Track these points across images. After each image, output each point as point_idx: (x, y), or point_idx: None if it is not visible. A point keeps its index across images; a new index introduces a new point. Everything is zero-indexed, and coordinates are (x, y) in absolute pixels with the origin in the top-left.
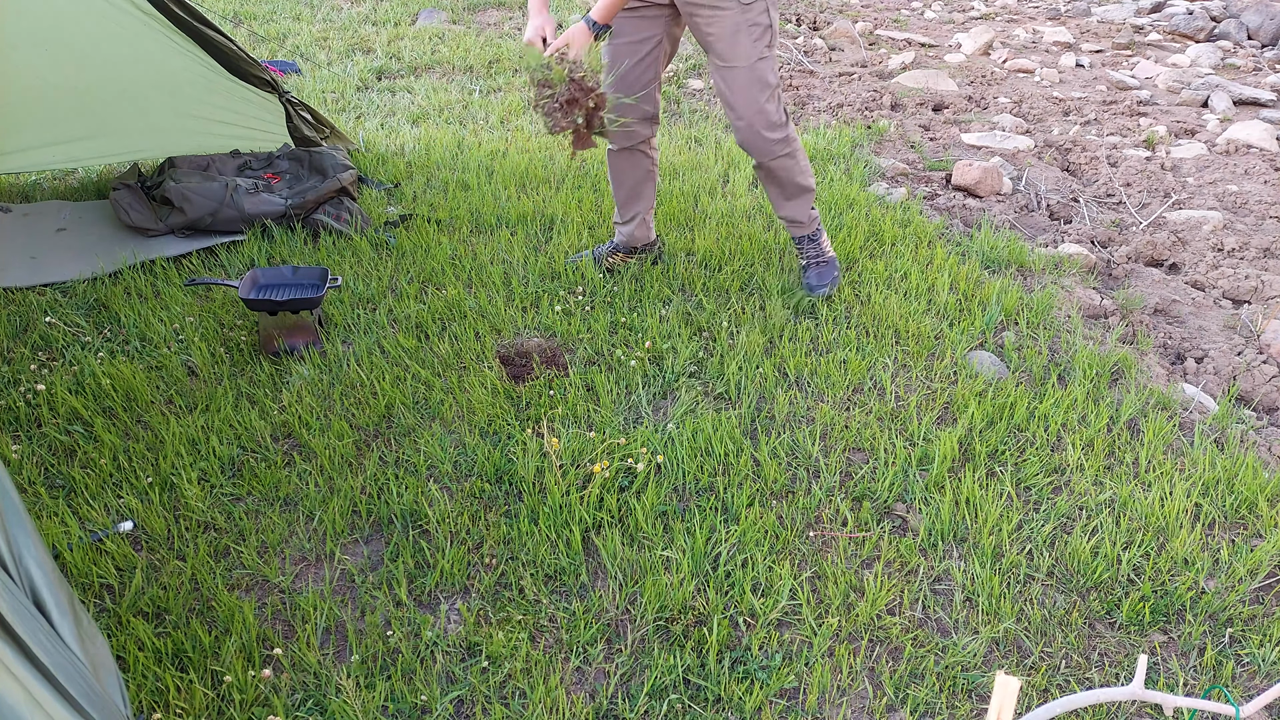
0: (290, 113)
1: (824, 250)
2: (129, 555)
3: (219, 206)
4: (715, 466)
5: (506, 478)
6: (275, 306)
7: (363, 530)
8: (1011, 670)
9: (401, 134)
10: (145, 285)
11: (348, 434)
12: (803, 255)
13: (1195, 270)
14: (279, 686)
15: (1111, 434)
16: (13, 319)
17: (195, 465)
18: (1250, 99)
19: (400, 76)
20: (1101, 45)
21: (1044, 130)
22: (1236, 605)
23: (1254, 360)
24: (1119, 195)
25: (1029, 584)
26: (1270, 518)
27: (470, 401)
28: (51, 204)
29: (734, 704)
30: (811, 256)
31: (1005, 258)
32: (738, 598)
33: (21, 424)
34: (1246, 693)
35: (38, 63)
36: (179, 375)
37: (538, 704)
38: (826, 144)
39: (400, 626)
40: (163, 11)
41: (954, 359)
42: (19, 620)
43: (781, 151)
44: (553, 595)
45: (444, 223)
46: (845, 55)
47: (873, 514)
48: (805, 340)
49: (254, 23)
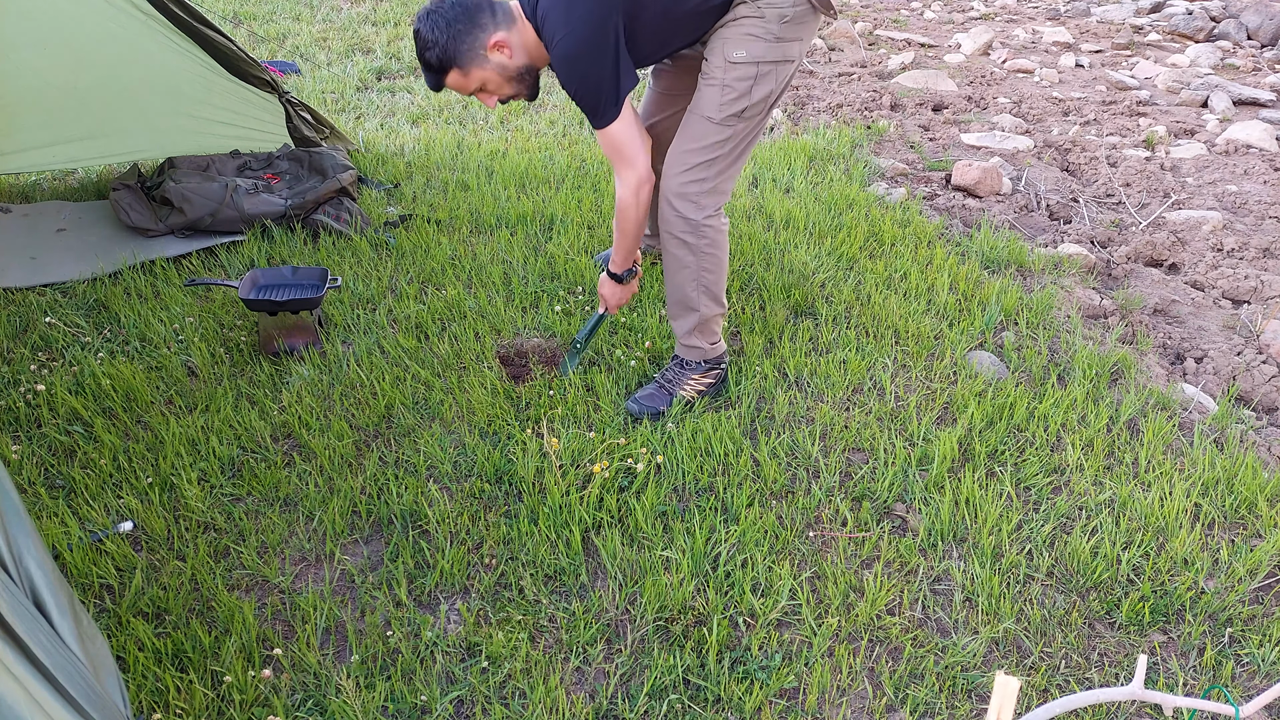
0: (290, 113)
1: (684, 384)
2: (129, 555)
3: (219, 207)
4: (715, 466)
5: (506, 478)
6: (275, 307)
7: (363, 530)
8: (1011, 670)
9: (401, 134)
10: (145, 285)
11: (348, 434)
12: (662, 373)
13: (1195, 270)
14: (279, 687)
15: (1111, 434)
16: (13, 319)
17: (195, 465)
18: (1250, 99)
19: (400, 76)
20: (1101, 45)
21: (1043, 130)
22: (1236, 605)
23: (1253, 360)
24: (1119, 195)
25: (1029, 584)
26: (1270, 518)
27: (470, 402)
28: (51, 204)
29: (734, 704)
30: (667, 378)
31: (1005, 258)
32: (738, 598)
33: (21, 424)
34: (1246, 693)
35: (38, 63)
36: (179, 375)
37: (538, 704)
38: (826, 144)
39: (400, 626)
40: (163, 11)
41: (954, 359)
42: (19, 620)
43: (678, 231)
44: (553, 595)
45: (444, 223)
46: (845, 55)
47: (872, 514)
48: (805, 340)
49: (254, 23)
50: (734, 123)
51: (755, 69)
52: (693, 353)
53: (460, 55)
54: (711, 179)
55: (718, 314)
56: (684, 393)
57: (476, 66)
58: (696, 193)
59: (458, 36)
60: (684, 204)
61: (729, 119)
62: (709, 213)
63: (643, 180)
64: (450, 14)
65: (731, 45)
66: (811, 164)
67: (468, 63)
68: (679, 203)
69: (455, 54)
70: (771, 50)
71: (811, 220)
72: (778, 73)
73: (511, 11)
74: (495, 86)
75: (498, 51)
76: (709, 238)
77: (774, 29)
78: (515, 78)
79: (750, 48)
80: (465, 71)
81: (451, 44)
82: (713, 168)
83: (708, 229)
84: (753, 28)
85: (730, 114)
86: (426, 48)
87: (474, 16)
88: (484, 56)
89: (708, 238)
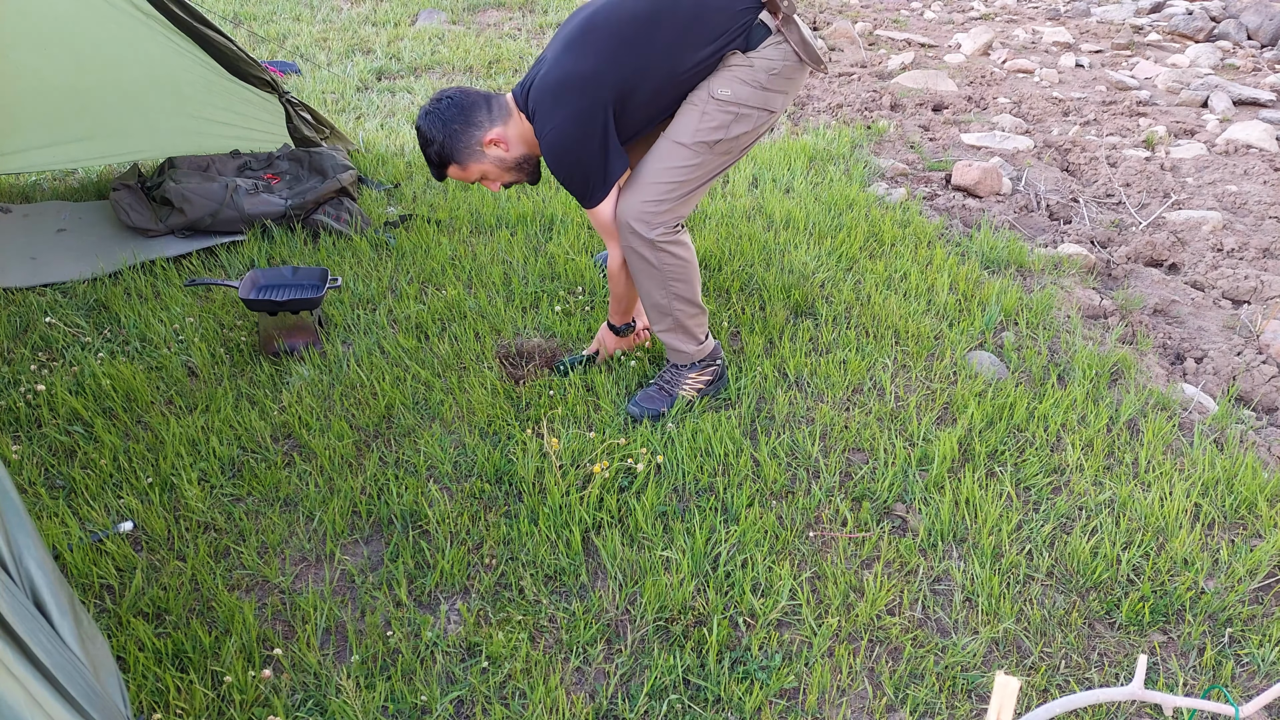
0: (290, 113)
1: (682, 384)
2: (129, 555)
3: (219, 207)
4: (715, 467)
5: (506, 478)
6: (275, 307)
7: (363, 530)
8: (1011, 670)
9: (401, 134)
10: (145, 286)
11: (348, 434)
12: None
13: (1195, 270)
14: (279, 687)
15: (1111, 434)
16: (13, 319)
17: (195, 466)
18: (1250, 99)
19: (400, 77)
20: (1101, 45)
21: (1043, 130)
22: (1236, 605)
23: (1253, 360)
24: (1118, 195)
25: (1029, 584)
26: (1269, 518)
27: (470, 402)
28: (51, 204)
29: (734, 704)
30: (665, 379)
31: (1005, 258)
32: (738, 598)
33: (21, 424)
34: (1246, 693)
35: (38, 63)
36: (179, 376)
37: (538, 704)
38: (826, 144)
39: (400, 627)
40: (163, 12)
41: (954, 359)
42: (19, 620)
43: (636, 246)
44: (553, 595)
45: (444, 223)
46: (845, 55)
47: (872, 514)
48: (805, 340)
49: (254, 23)
50: (704, 151)
51: (737, 109)
52: (680, 356)
53: (458, 152)
54: (670, 203)
55: (694, 315)
56: (683, 393)
57: (474, 161)
58: (653, 214)
59: (454, 135)
60: (640, 224)
61: (700, 145)
62: (662, 232)
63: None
64: (447, 114)
65: (718, 84)
66: (811, 164)
67: (465, 159)
68: (635, 223)
69: (453, 151)
70: (755, 96)
71: (811, 220)
72: (756, 119)
73: (507, 105)
74: (495, 176)
75: (494, 147)
76: (669, 252)
77: (761, 79)
78: (513, 168)
79: (736, 89)
80: (464, 166)
81: (449, 142)
82: (673, 193)
83: (665, 246)
84: (741, 74)
85: (702, 141)
86: (427, 144)
87: (469, 115)
88: (480, 152)
89: (667, 252)
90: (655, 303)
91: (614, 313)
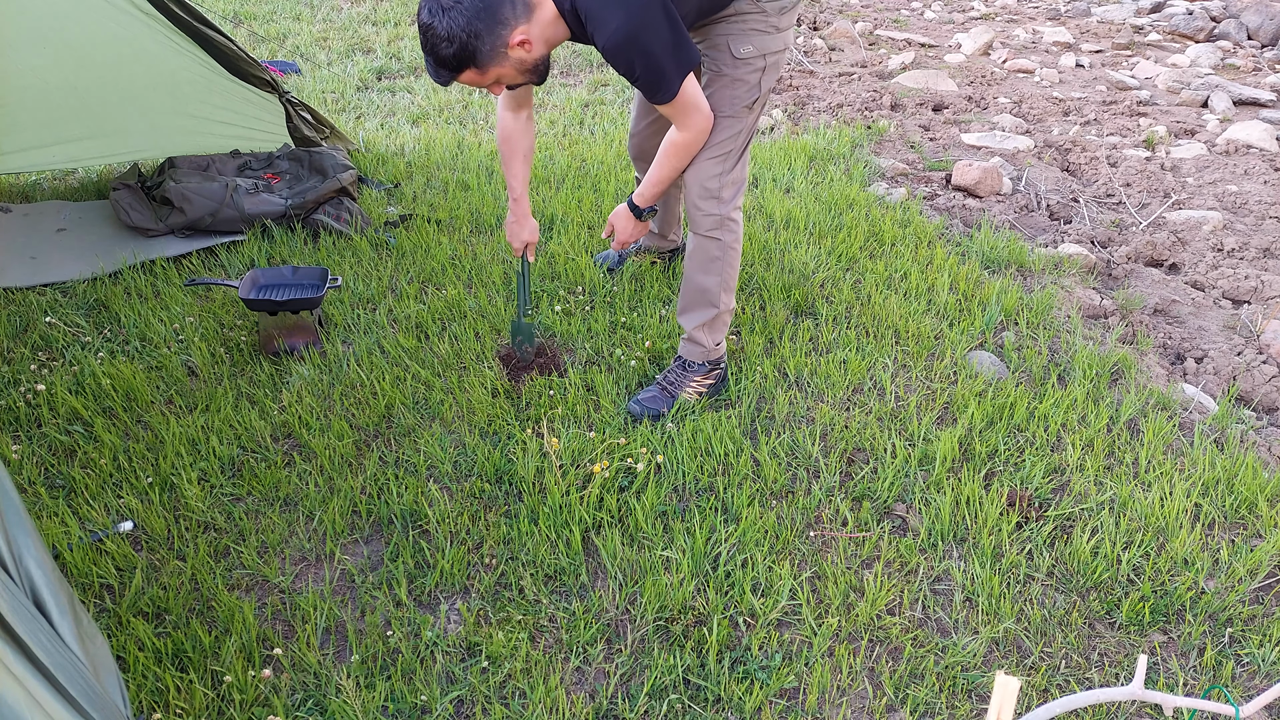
0: (290, 113)
1: (686, 386)
2: (129, 555)
3: (219, 207)
4: (715, 466)
5: (506, 478)
6: (275, 306)
7: (363, 530)
8: (1011, 670)
9: (401, 134)
10: (145, 285)
11: (348, 434)
12: (664, 374)
13: (1195, 270)
14: (279, 686)
15: (1111, 434)
16: (13, 319)
17: (195, 465)
18: (1250, 99)
19: (400, 76)
20: (1101, 45)
21: (1044, 130)
22: (1236, 605)
23: (1254, 360)
24: (1119, 195)
25: (1029, 584)
26: (1270, 518)
27: (470, 401)
28: (51, 204)
29: (734, 704)
30: (669, 379)
31: (1005, 258)
32: (738, 598)
33: (21, 424)
34: (1246, 693)
35: (38, 63)
36: (179, 375)
37: (538, 704)
38: (826, 144)
39: (400, 626)
40: (163, 11)
41: (954, 359)
42: (19, 620)
43: (707, 230)
44: (553, 595)
45: (444, 223)
46: (845, 55)
47: (873, 514)
48: (805, 340)
49: (254, 23)
50: (745, 115)
51: (763, 61)
52: (697, 352)
53: (480, 54)
54: (729, 169)
55: (729, 310)
56: (685, 395)
57: (495, 65)
58: (717, 186)
59: (479, 35)
60: (707, 201)
61: (741, 111)
62: (732, 205)
63: (710, 125)
64: (470, 9)
65: (737, 41)
66: (812, 164)
67: (487, 62)
68: (703, 201)
69: (475, 53)
70: (774, 41)
71: (812, 220)
72: (779, 61)
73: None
74: (510, 79)
75: (520, 49)
76: (734, 232)
77: (774, 20)
78: (530, 69)
79: (756, 41)
80: (483, 70)
81: (472, 42)
82: (729, 160)
83: (732, 222)
84: (756, 23)
85: (743, 106)
86: (441, 44)
87: (495, 10)
88: (504, 54)
89: (733, 232)
90: (707, 292)
91: (646, 191)
